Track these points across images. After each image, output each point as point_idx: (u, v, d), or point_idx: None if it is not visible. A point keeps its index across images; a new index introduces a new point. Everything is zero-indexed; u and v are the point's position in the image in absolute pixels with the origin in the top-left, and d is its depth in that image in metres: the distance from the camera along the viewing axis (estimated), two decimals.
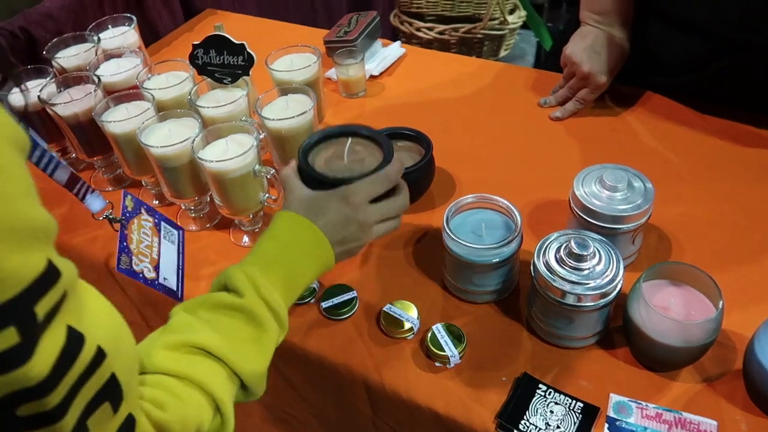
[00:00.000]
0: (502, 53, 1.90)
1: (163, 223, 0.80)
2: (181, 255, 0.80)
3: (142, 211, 0.78)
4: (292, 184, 0.66)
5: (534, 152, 0.96)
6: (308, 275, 0.61)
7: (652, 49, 0.99)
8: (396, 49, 1.20)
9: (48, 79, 0.94)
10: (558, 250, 0.64)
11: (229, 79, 0.87)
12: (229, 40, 0.85)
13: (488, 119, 1.04)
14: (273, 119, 0.80)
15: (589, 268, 0.63)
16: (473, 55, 1.85)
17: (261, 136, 0.89)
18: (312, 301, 0.76)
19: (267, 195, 0.81)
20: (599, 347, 0.67)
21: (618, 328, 0.68)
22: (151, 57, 1.29)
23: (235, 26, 1.41)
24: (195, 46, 0.87)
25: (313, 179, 0.66)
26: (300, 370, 0.74)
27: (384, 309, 0.72)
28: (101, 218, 0.77)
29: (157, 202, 0.94)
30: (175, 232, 0.81)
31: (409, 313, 0.71)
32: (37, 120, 0.95)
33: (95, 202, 0.79)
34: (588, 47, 0.96)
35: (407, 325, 0.70)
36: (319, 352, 0.70)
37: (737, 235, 0.78)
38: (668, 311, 0.62)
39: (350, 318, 0.73)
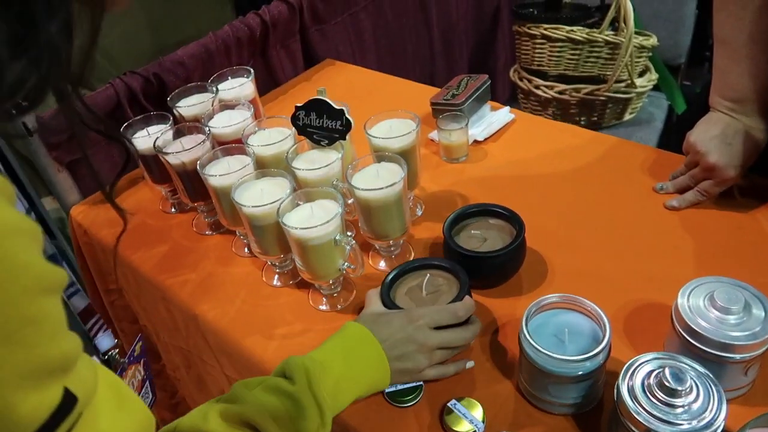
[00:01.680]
0: (627, 117, 1.78)
1: (147, 383, 0.82)
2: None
3: (141, 363, 0.80)
4: (370, 300, 0.76)
5: (641, 244, 0.87)
6: (361, 384, 0.66)
7: None
8: (504, 114, 1.16)
9: (166, 126, 1.01)
10: (648, 376, 0.57)
11: (327, 142, 0.88)
12: (330, 104, 0.86)
13: (594, 200, 0.96)
14: (361, 188, 0.79)
15: (683, 406, 0.54)
16: (595, 117, 1.75)
17: (349, 201, 0.89)
18: None
19: (346, 264, 0.80)
20: None
21: None
22: (269, 104, 1.35)
23: (350, 77, 1.45)
24: (297, 108, 0.89)
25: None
26: None
27: (448, 404, 0.67)
28: (105, 357, 0.82)
29: (247, 250, 0.96)
30: (150, 397, 0.83)
31: (474, 413, 0.66)
32: (153, 163, 1.02)
33: (104, 341, 0.84)
34: (717, 136, 0.86)
35: (469, 427, 0.65)
36: None
37: None
38: None
39: (413, 407, 0.69)
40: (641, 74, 1.76)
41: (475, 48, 2.16)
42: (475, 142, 1.12)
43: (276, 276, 0.91)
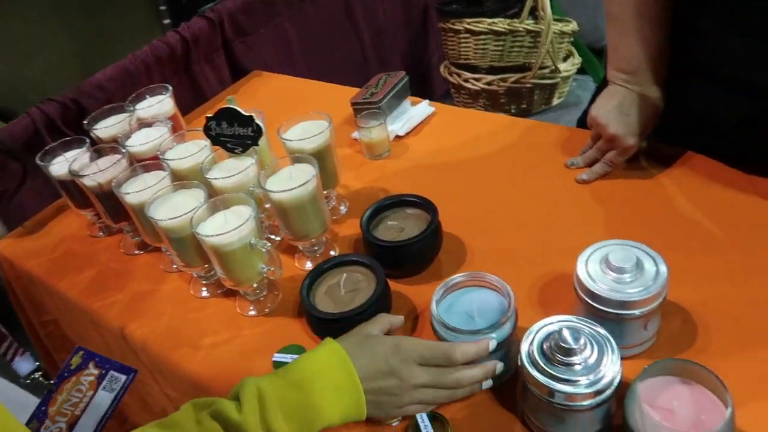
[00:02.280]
0: (555, 101, 1.83)
1: (111, 373, 0.80)
2: (116, 400, 0.79)
3: (90, 365, 0.79)
4: (376, 319, 0.69)
5: (555, 218, 0.90)
6: (330, 414, 0.59)
7: (693, 108, 0.91)
8: (423, 108, 1.19)
9: (81, 150, 1.00)
10: (547, 339, 0.59)
11: (240, 149, 0.89)
12: (239, 112, 0.86)
13: (509, 181, 0.99)
14: (273, 191, 0.80)
15: (580, 363, 0.57)
16: (523, 104, 1.80)
17: (267, 206, 0.89)
18: None
19: (266, 267, 0.80)
20: None
21: (622, 427, 0.60)
22: (194, 120, 1.35)
23: (279, 87, 1.46)
24: (208, 119, 0.89)
25: (311, 316, 0.75)
26: None
27: None
28: (27, 382, 0.80)
29: (175, 266, 0.96)
30: (122, 377, 0.81)
31: None
32: (72, 188, 1.01)
33: (23, 365, 0.82)
34: (614, 108, 0.90)
35: None
36: None
37: None
38: (671, 416, 0.55)
39: None
40: (565, 59, 1.82)
41: (408, 48, 2.19)
42: (397, 137, 1.14)
43: (203, 287, 0.91)
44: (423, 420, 0.64)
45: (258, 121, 0.87)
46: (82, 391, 0.79)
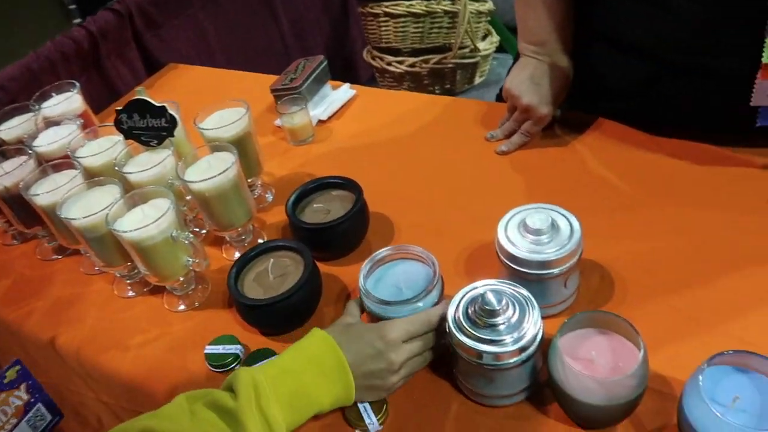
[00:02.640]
0: (477, 80, 1.87)
1: (38, 406, 0.76)
2: None
3: (21, 387, 0.75)
4: (347, 309, 0.70)
5: (478, 190, 0.92)
6: (322, 399, 0.60)
7: (599, 74, 0.95)
8: (345, 92, 1.18)
9: None
10: (471, 305, 0.61)
11: (156, 141, 0.86)
12: (150, 103, 0.84)
13: (435, 157, 1.01)
14: (193, 181, 0.78)
15: (503, 323, 0.59)
16: (447, 84, 1.83)
17: (188, 198, 0.87)
18: (237, 367, 0.72)
19: (191, 260, 0.78)
20: (529, 404, 0.63)
21: (548, 382, 0.63)
22: (108, 118, 1.29)
23: (196, 79, 1.42)
24: (118, 112, 0.86)
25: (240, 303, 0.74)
26: None
27: None
28: None
29: (97, 269, 0.92)
30: (49, 418, 0.78)
31: None
32: None
33: None
34: (526, 79, 0.92)
35: None
36: None
37: (690, 268, 0.73)
38: (590, 365, 0.57)
39: None
40: (483, 38, 1.86)
41: (330, 34, 2.17)
42: (320, 122, 1.13)
43: (128, 287, 0.88)
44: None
45: (171, 112, 0.84)
46: (7, 414, 0.75)
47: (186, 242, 0.76)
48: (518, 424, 0.61)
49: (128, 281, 0.87)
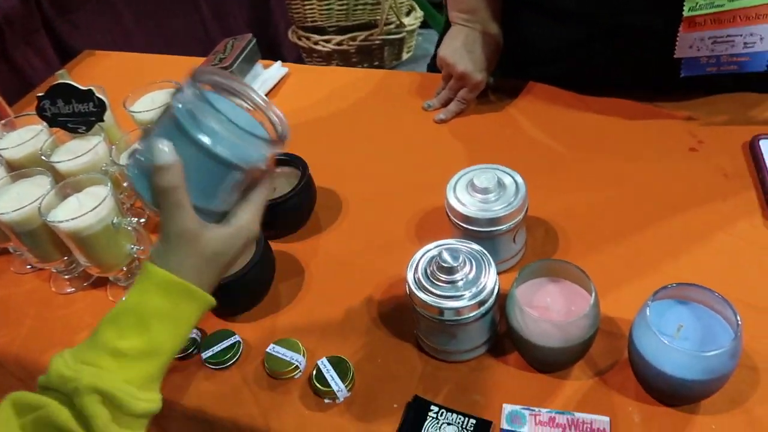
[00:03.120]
0: (405, 56, 1.89)
1: None
2: None
3: None
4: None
5: (421, 158, 0.93)
6: (172, 345, 0.52)
7: (528, 39, 0.98)
8: (277, 69, 1.16)
9: None
10: (429, 264, 0.62)
11: (84, 128, 0.82)
12: (75, 87, 0.79)
13: (375, 129, 1.01)
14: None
15: (462, 279, 0.60)
16: (375, 61, 1.83)
17: (126, 184, 0.84)
18: (195, 352, 0.71)
19: (135, 247, 0.75)
20: (490, 356, 0.65)
21: (507, 333, 0.65)
22: (26, 109, 1.21)
23: (114, 65, 1.35)
24: (40, 98, 0.81)
25: None
26: (182, 428, 0.69)
27: (267, 350, 0.68)
28: None
29: (29, 267, 0.87)
30: None
31: (295, 351, 0.67)
32: None
33: None
34: (460, 47, 0.94)
35: (292, 365, 0.66)
36: (201, 407, 0.66)
37: (624, 217, 0.77)
38: (546, 312, 0.60)
39: (235, 364, 0.69)
40: (408, 14, 1.87)
41: (251, 17, 2.12)
42: None
43: (67, 282, 0.83)
44: (325, 365, 0.65)
45: (99, 95, 0.80)
46: None
47: (129, 229, 0.73)
48: (481, 375, 0.63)
49: (66, 276, 0.83)
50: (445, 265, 0.60)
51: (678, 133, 0.87)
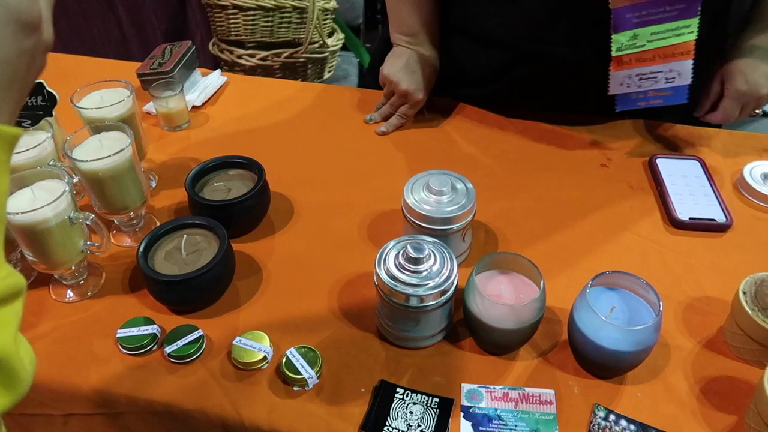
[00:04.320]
0: (326, 75, 1.95)
1: None
2: None
3: None
4: None
5: (366, 167, 0.99)
6: None
7: (458, 63, 1.07)
8: (216, 77, 1.18)
9: None
10: (396, 257, 0.67)
11: (30, 122, 0.79)
12: None
13: (318, 139, 1.05)
14: (87, 160, 0.74)
15: (426, 270, 0.66)
16: (298, 78, 1.87)
17: (74, 180, 0.82)
18: (155, 348, 0.71)
19: (89, 243, 0.74)
20: (447, 342, 0.71)
21: (460, 322, 0.72)
22: None
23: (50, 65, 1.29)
24: None
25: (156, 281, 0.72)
26: (149, 424, 0.68)
27: (234, 342, 0.69)
28: None
29: None
30: None
31: (261, 342, 0.69)
32: None
33: None
34: (403, 67, 1.02)
35: (260, 355, 0.68)
36: (168, 401, 0.66)
37: (550, 221, 0.87)
38: (500, 298, 0.68)
39: (199, 359, 0.70)
40: (330, 35, 1.93)
41: (169, 27, 2.08)
42: (194, 107, 1.11)
43: None
44: (294, 354, 0.67)
45: (49, 89, 0.78)
46: None
47: (86, 224, 0.72)
48: (440, 359, 0.69)
49: None
50: (413, 256, 0.65)
51: (590, 151, 1.00)
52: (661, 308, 0.62)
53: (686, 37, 0.83)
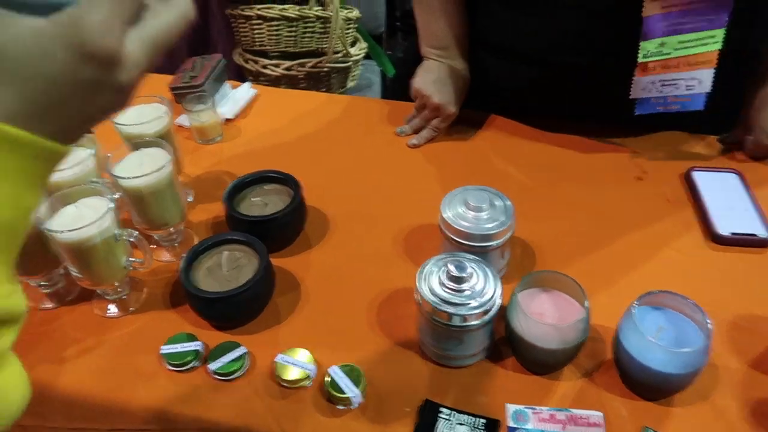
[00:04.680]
0: (350, 84, 1.95)
1: None
2: None
3: None
4: None
5: (398, 180, 0.99)
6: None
7: (488, 76, 1.07)
8: (246, 90, 1.18)
9: None
10: (438, 275, 0.67)
11: None
12: None
13: (349, 152, 1.06)
14: (130, 178, 0.75)
15: (469, 289, 0.66)
16: (322, 88, 1.88)
17: (116, 197, 0.83)
18: (198, 364, 0.71)
19: (132, 259, 0.75)
20: (490, 361, 0.71)
21: (502, 340, 0.72)
22: None
23: None
24: None
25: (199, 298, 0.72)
26: None
27: (276, 360, 0.69)
28: None
29: None
30: None
31: (303, 360, 0.70)
32: None
33: None
34: (435, 80, 1.02)
35: (303, 373, 0.68)
36: (215, 419, 0.66)
37: (587, 236, 0.86)
38: (543, 317, 0.67)
39: (243, 376, 0.70)
40: (353, 44, 1.94)
41: (193, 37, 2.10)
42: (226, 120, 1.12)
43: (46, 298, 0.80)
44: (337, 373, 0.67)
45: None
46: None
47: (130, 240, 0.73)
48: (483, 378, 0.69)
49: (46, 291, 0.80)
50: (455, 275, 0.65)
51: (625, 164, 0.99)
52: (710, 330, 0.61)
53: (711, 47, 0.84)
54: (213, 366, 0.69)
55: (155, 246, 0.86)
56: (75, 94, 0.34)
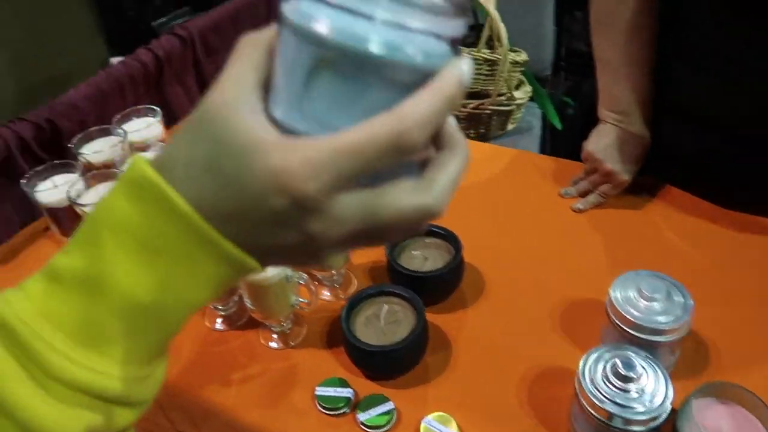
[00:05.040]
0: (510, 127, 1.93)
1: None
2: None
3: None
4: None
5: (559, 246, 0.96)
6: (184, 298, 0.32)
7: (668, 143, 1.01)
8: None
9: (74, 175, 0.95)
10: (604, 365, 0.64)
11: None
12: None
13: (510, 208, 1.04)
14: None
15: (636, 391, 0.62)
16: (482, 128, 1.88)
17: None
18: (348, 411, 0.74)
19: (300, 299, 0.80)
20: None
21: None
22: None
23: None
24: None
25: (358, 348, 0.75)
26: None
27: (423, 423, 0.70)
28: None
29: None
30: None
31: (449, 427, 0.70)
32: (63, 216, 0.95)
33: None
34: (610, 145, 0.98)
35: None
36: None
37: None
38: None
39: (389, 431, 0.72)
40: (517, 87, 1.92)
41: None
42: None
43: (219, 319, 0.88)
44: None
45: None
46: None
47: (299, 282, 0.78)
48: None
49: (222, 313, 0.88)
50: (623, 373, 0.62)
51: None
52: None
53: None
54: (362, 417, 0.72)
55: (317, 283, 0.91)
56: (263, 220, 0.30)
